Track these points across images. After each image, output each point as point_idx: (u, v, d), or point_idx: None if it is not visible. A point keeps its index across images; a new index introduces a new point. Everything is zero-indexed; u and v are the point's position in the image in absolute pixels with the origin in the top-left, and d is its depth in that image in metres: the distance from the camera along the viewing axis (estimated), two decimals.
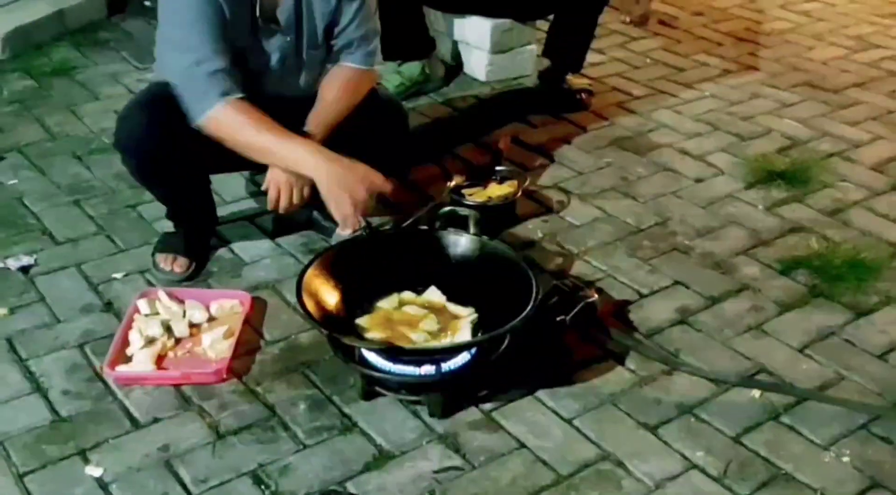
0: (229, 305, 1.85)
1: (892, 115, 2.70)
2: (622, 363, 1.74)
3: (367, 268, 1.75)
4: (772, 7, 3.59)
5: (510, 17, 2.83)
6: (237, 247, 2.08)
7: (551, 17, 2.78)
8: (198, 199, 1.99)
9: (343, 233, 2.07)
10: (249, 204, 2.24)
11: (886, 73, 2.98)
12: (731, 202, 2.27)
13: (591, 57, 2.88)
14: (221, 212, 2.15)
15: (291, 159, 1.73)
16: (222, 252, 2.07)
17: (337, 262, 1.72)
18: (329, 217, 2.09)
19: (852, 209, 2.24)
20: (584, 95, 2.75)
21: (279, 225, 2.11)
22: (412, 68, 2.81)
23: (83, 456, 1.54)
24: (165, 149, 1.76)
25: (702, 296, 1.93)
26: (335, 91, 1.87)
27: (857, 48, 3.19)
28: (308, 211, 2.07)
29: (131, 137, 1.76)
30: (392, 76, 2.83)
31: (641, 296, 1.93)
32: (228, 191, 2.26)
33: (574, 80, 2.78)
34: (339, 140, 1.83)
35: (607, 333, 1.79)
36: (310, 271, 1.68)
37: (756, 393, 1.67)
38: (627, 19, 2.57)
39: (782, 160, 2.44)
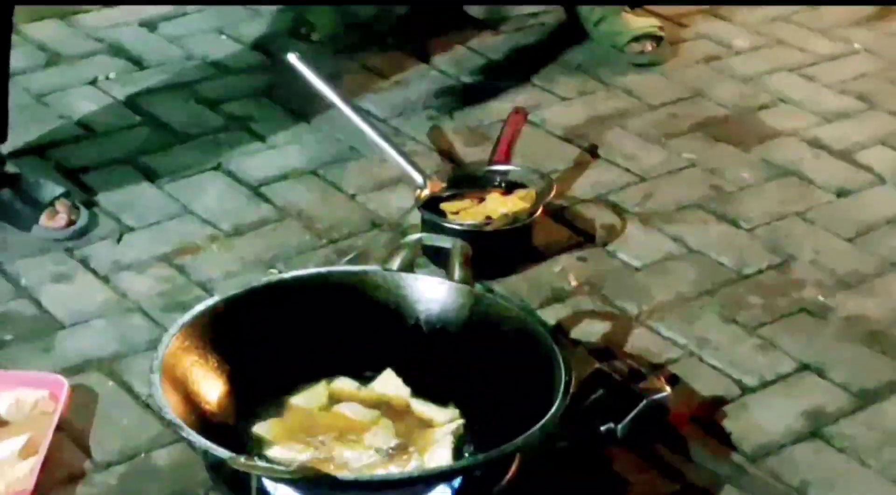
0: (31, 400, 1.84)
1: None
2: None
3: (275, 338, 1.76)
4: None
5: None
6: (49, 295, 2.09)
7: None
8: None
9: (51, 224, 2.12)
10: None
11: None
12: None
13: None
14: None
15: None
16: (20, 305, 2.07)
17: (221, 327, 1.73)
18: (29, 197, 2.15)
19: None
20: (649, 45, 2.81)
21: None
22: None
23: None
24: None
25: (847, 392, 1.94)
26: None
27: None
28: None
29: None
30: (321, 8, 2.87)
31: (745, 389, 1.94)
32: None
33: (633, 19, 2.83)
34: None
35: (686, 453, 1.80)
36: (175, 341, 1.68)
37: None
38: None
39: None
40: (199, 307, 1.76)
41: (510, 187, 2.26)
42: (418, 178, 2.23)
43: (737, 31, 2.97)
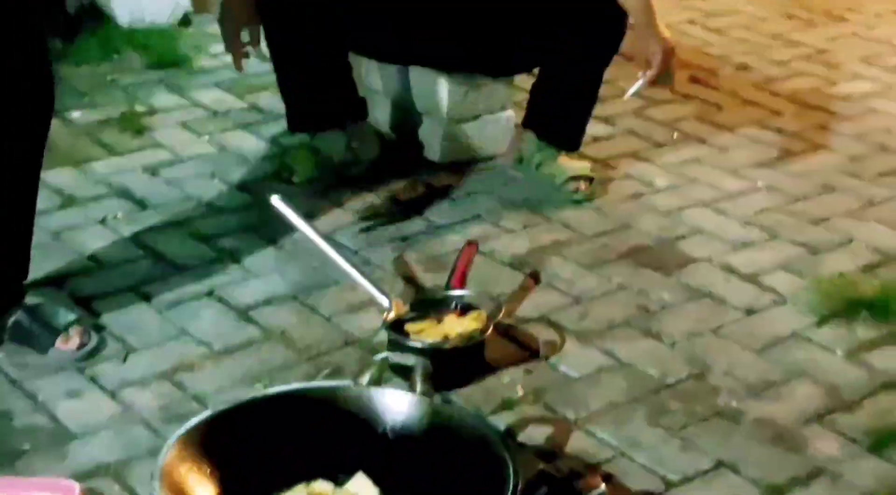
0: None
1: None
2: None
3: (260, 446, 1.76)
4: (850, 60, 3.79)
5: (476, 70, 2.96)
6: (63, 409, 2.09)
7: (536, 70, 2.92)
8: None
9: (65, 347, 2.15)
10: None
11: None
12: (798, 345, 2.34)
13: (593, 128, 3.00)
14: None
15: None
16: (37, 419, 2.07)
17: (214, 437, 1.73)
18: (45, 324, 2.16)
19: None
20: (582, 184, 2.85)
21: None
22: (332, 143, 2.89)
23: None
24: None
25: (757, 486, 1.96)
26: None
27: None
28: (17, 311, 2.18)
29: None
30: (301, 155, 2.91)
31: (669, 484, 1.95)
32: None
33: (569, 162, 2.88)
34: None
35: None
36: (173, 451, 1.68)
37: None
38: (645, 76, 2.68)
39: (869, 283, 2.53)
40: (194, 420, 1.76)
41: (465, 309, 2.28)
42: (385, 302, 2.25)
43: (657, 171, 3.01)
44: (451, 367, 2.13)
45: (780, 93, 3.52)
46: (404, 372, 1.94)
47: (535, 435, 2.06)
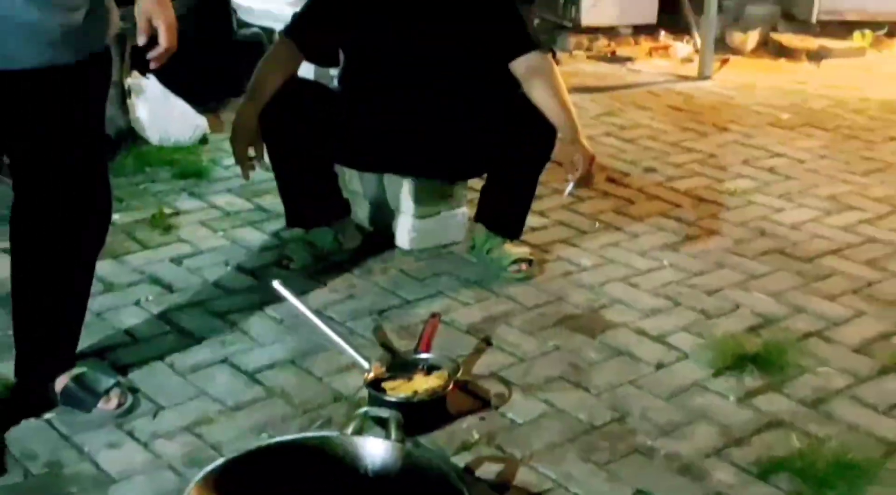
0: None
1: (874, 288, 2.87)
2: None
3: (266, 485, 1.76)
4: (734, 163, 3.87)
5: (437, 176, 3.00)
6: (104, 458, 2.08)
7: (484, 176, 2.97)
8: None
9: (106, 406, 2.14)
10: None
11: (864, 238, 3.20)
12: (698, 392, 2.36)
13: (531, 220, 3.03)
14: None
15: None
16: (83, 467, 2.06)
17: (228, 479, 1.74)
18: (89, 388, 2.16)
19: (835, 399, 2.34)
20: (524, 265, 2.87)
21: None
22: (322, 236, 2.92)
23: None
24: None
25: None
26: None
27: (831, 210, 3.43)
28: (69, 380, 2.18)
29: None
30: (297, 246, 2.94)
31: None
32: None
33: (512, 248, 2.91)
34: None
35: None
36: (194, 492, 1.69)
37: None
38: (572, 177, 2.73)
39: (753, 341, 2.56)
40: (211, 466, 1.77)
41: (430, 369, 2.29)
42: (365, 365, 2.27)
43: (583, 254, 3.03)
44: (420, 417, 2.14)
45: (679, 189, 3.58)
46: (382, 423, 1.94)
47: (489, 471, 2.07)
